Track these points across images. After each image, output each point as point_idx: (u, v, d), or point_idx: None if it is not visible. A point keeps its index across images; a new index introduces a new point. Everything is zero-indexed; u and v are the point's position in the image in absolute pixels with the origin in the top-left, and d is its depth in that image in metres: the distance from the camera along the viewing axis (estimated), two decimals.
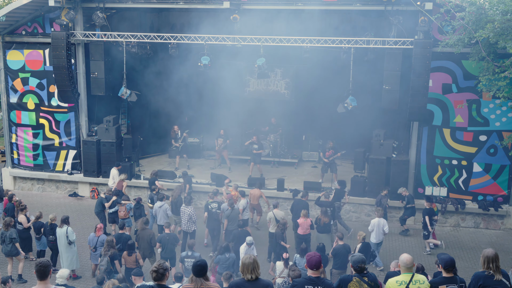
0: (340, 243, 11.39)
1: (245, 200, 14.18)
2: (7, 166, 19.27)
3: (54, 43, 16.54)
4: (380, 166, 16.04)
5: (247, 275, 5.87)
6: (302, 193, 14.23)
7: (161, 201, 13.65)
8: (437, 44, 14.50)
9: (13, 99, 18.60)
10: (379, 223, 12.90)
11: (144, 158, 20.05)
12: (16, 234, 12.09)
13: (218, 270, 10.67)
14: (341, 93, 16.18)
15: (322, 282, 6.21)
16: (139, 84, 18.30)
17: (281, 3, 15.64)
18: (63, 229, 12.00)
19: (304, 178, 17.73)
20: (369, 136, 16.74)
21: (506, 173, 15.56)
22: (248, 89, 21.49)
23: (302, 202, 13.81)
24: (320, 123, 20.08)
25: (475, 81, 14.66)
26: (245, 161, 20.07)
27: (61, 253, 12.12)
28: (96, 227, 12.24)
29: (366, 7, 15.30)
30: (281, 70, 20.85)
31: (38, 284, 5.93)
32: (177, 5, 16.52)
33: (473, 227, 15.92)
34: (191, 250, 10.93)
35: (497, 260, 6.41)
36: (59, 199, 18.15)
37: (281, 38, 15.69)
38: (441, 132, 15.76)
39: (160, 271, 5.71)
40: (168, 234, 11.89)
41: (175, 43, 16.59)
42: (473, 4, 13.18)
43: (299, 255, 10.83)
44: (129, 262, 11.00)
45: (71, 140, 18.45)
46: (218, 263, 10.74)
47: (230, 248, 11.19)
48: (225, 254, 10.79)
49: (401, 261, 6.66)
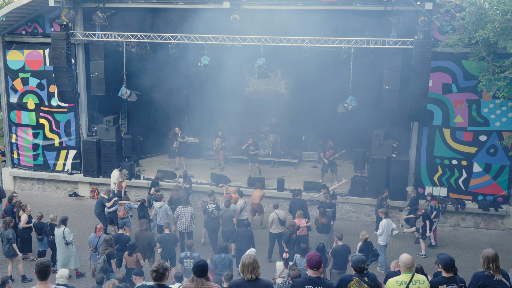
0: (339, 243, 11.38)
1: (242, 201, 14.14)
2: (7, 166, 19.27)
3: (54, 43, 16.54)
4: (380, 166, 16.03)
5: (247, 275, 5.88)
6: (296, 192, 14.07)
7: (160, 201, 13.64)
8: (437, 44, 14.50)
9: (13, 99, 18.60)
10: (388, 224, 12.88)
11: (144, 158, 20.05)
12: (13, 234, 12.04)
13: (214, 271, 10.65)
14: (341, 93, 16.18)
15: (322, 282, 6.21)
16: (139, 84, 18.30)
17: (281, 3, 15.64)
18: (60, 229, 12.02)
19: (304, 178, 17.74)
20: (369, 136, 16.75)
21: (506, 173, 15.56)
22: (248, 89, 21.50)
23: (299, 201, 13.75)
24: (320, 123, 20.08)
25: (475, 81, 14.66)
26: (244, 161, 20.05)
27: (58, 253, 12.13)
28: (97, 228, 12.24)
29: (366, 7, 15.30)
30: (281, 70, 20.85)
31: (39, 284, 5.93)
32: (177, 5, 16.52)
33: (473, 227, 15.93)
34: (190, 250, 10.93)
35: (497, 260, 6.41)
36: (59, 199, 18.15)
37: (281, 38, 15.69)
38: (441, 132, 15.76)
39: (160, 270, 5.71)
40: (168, 234, 11.90)
41: (175, 43, 16.59)
42: (473, 4, 13.18)
43: (299, 255, 10.83)
44: (130, 263, 11.01)
45: (71, 140, 18.45)
46: (214, 263, 10.74)
47: (227, 248, 11.21)
48: (221, 254, 10.79)
49: (401, 261, 6.66)
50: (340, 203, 15.94)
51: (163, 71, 18.95)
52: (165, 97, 19.02)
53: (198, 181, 17.56)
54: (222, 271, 10.46)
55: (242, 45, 16.00)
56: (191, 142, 20.68)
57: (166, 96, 18.90)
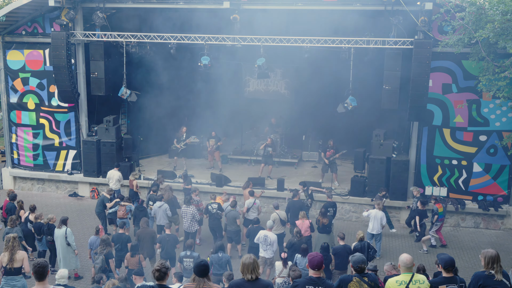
0: (341, 243, 11.36)
1: (251, 200, 13.88)
2: (7, 166, 19.28)
3: (54, 43, 16.55)
4: (380, 166, 16.04)
5: (247, 275, 5.88)
6: (293, 193, 14.05)
7: (160, 201, 13.64)
8: (437, 44, 14.50)
9: (13, 99, 18.60)
10: (377, 215, 13.15)
11: (144, 158, 20.06)
12: (21, 232, 12.01)
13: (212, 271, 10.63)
14: (341, 93, 16.18)
15: (323, 283, 6.21)
16: (139, 84, 18.30)
17: (281, 3, 15.64)
18: (62, 230, 11.97)
19: (304, 178, 17.73)
20: (369, 136, 16.75)
21: (506, 173, 15.56)
22: (248, 89, 21.51)
23: (297, 203, 13.70)
24: (320, 123, 20.10)
25: (475, 81, 14.67)
26: (244, 161, 20.09)
27: (59, 253, 12.09)
28: (99, 229, 12.19)
29: (366, 7, 15.30)
30: (281, 70, 20.86)
31: (37, 285, 5.96)
32: (177, 5, 16.53)
33: (473, 227, 15.93)
34: (190, 250, 10.93)
35: (499, 260, 6.42)
36: (59, 199, 18.15)
37: (281, 38, 15.70)
38: (441, 132, 15.76)
39: (163, 270, 5.77)
40: (168, 235, 11.89)
41: (175, 43, 16.59)
42: (473, 4, 13.18)
43: (300, 255, 10.82)
44: (131, 264, 10.99)
45: (71, 140, 18.45)
46: (211, 263, 10.73)
47: (223, 247, 11.22)
48: (218, 253, 10.79)
49: (401, 261, 6.66)
50: (340, 203, 15.94)
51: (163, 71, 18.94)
52: (165, 97, 18.99)
53: (198, 181, 17.56)
54: (220, 271, 10.49)
55: (242, 45, 16.01)
56: (191, 142, 20.68)
57: (166, 96, 18.88)
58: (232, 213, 13.27)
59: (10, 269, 9.81)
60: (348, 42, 15.29)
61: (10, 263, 9.78)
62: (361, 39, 15.27)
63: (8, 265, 9.79)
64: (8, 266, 9.79)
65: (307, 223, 12.51)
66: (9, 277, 9.85)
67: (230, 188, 16.58)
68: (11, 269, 9.81)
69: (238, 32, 15.84)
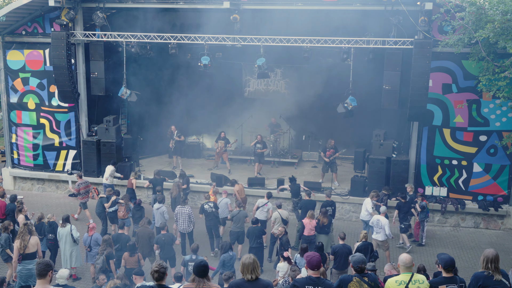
0: (341, 242, 11.36)
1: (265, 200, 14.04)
2: (7, 166, 19.28)
3: (54, 43, 16.55)
4: (380, 166, 16.04)
5: (247, 275, 5.88)
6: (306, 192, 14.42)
7: (160, 203, 13.61)
8: (437, 44, 14.50)
9: (13, 99, 18.61)
10: (365, 202, 13.78)
11: (144, 158, 20.05)
12: (5, 240, 11.69)
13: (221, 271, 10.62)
14: (341, 93, 16.18)
15: (322, 283, 6.22)
16: (139, 84, 18.30)
17: (281, 3, 15.64)
18: (67, 228, 11.95)
19: (304, 178, 17.72)
20: (369, 136, 16.75)
21: (506, 173, 15.56)
22: (248, 89, 21.51)
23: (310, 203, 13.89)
24: (320, 123, 20.08)
25: (475, 81, 14.67)
26: (245, 161, 20.08)
27: (65, 251, 12.02)
28: (89, 227, 12.21)
29: (366, 7, 15.30)
30: (281, 70, 20.86)
31: (38, 284, 6.01)
32: (177, 5, 16.54)
33: (473, 227, 15.93)
34: (195, 254, 10.86)
35: (496, 261, 6.40)
36: (59, 199, 18.15)
37: (281, 38, 15.70)
38: (441, 132, 15.76)
39: (161, 270, 5.78)
40: (164, 234, 11.87)
41: (175, 43, 16.59)
42: (473, 4, 13.18)
43: (299, 255, 10.82)
44: (130, 263, 10.99)
45: (71, 140, 18.45)
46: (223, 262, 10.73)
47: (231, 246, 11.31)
48: (229, 252, 10.86)
49: (401, 261, 6.66)
50: (340, 203, 15.96)
51: (163, 71, 18.94)
52: (165, 96, 19.00)
53: (198, 181, 17.56)
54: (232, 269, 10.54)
55: (242, 45, 16.01)
56: (191, 142, 20.65)
57: (166, 95, 18.88)
58: (242, 213, 13.36)
59: (26, 254, 10.68)
60: (348, 42, 15.29)
61: (24, 248, 10.63)
62: (361, 39, 15.27)
63: (23, 251, 10.63)
64: (23, 252, 10.64)
65: (313, 223, 12.69)
66: (26, 261, 10.72)
67: (230, 188, 16.55)
68: (26, 254, 10.67)
69: (238, 32, 15.84)
